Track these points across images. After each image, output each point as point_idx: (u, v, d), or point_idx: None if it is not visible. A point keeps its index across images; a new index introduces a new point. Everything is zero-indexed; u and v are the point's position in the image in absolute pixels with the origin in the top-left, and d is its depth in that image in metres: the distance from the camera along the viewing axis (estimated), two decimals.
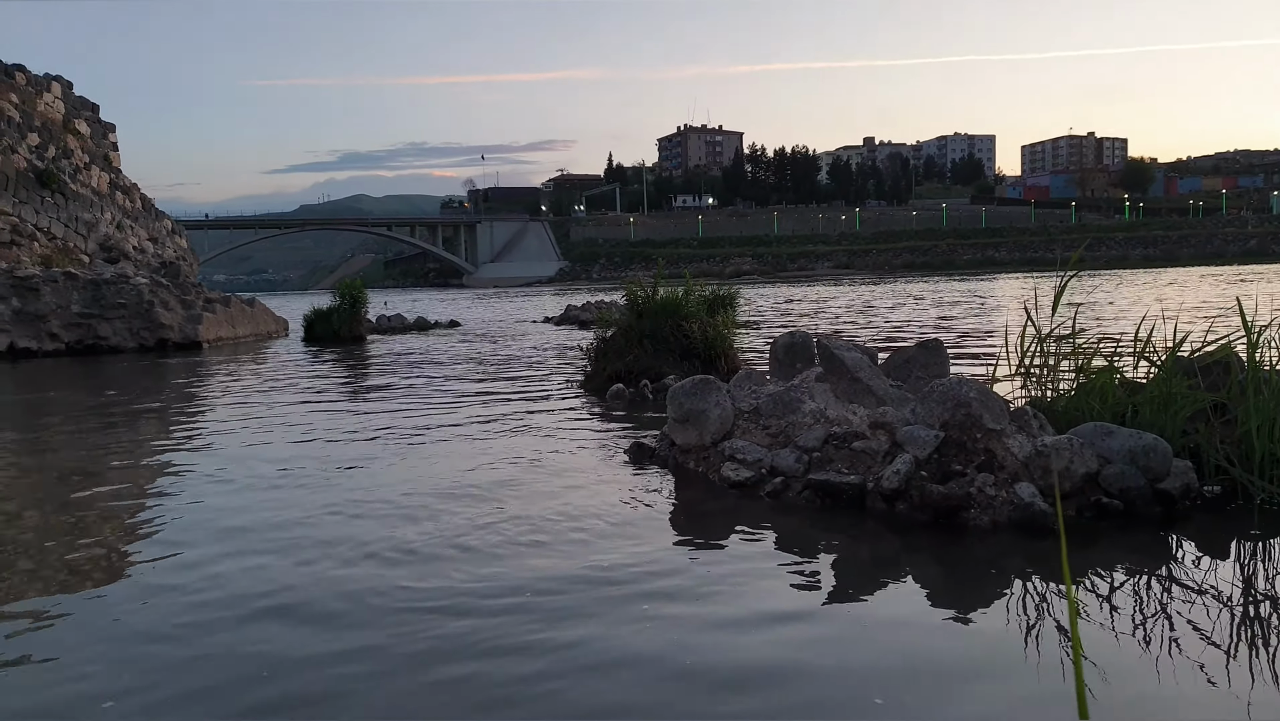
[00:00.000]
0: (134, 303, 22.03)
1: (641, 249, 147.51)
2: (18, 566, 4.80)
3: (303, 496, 6.14)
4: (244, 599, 4.15)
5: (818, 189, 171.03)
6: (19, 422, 10.70)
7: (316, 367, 16.44)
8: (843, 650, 3.46)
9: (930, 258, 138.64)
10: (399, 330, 27.79)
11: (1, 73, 25.20)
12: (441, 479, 6.51)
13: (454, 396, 11.36)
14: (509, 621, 3.78)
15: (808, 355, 7.13)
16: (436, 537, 5.00)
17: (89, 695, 3.23)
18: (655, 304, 11.59)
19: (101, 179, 27.60)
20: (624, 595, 4.06)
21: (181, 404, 11.91)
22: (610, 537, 4.95)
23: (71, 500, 6.35)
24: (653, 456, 6.97)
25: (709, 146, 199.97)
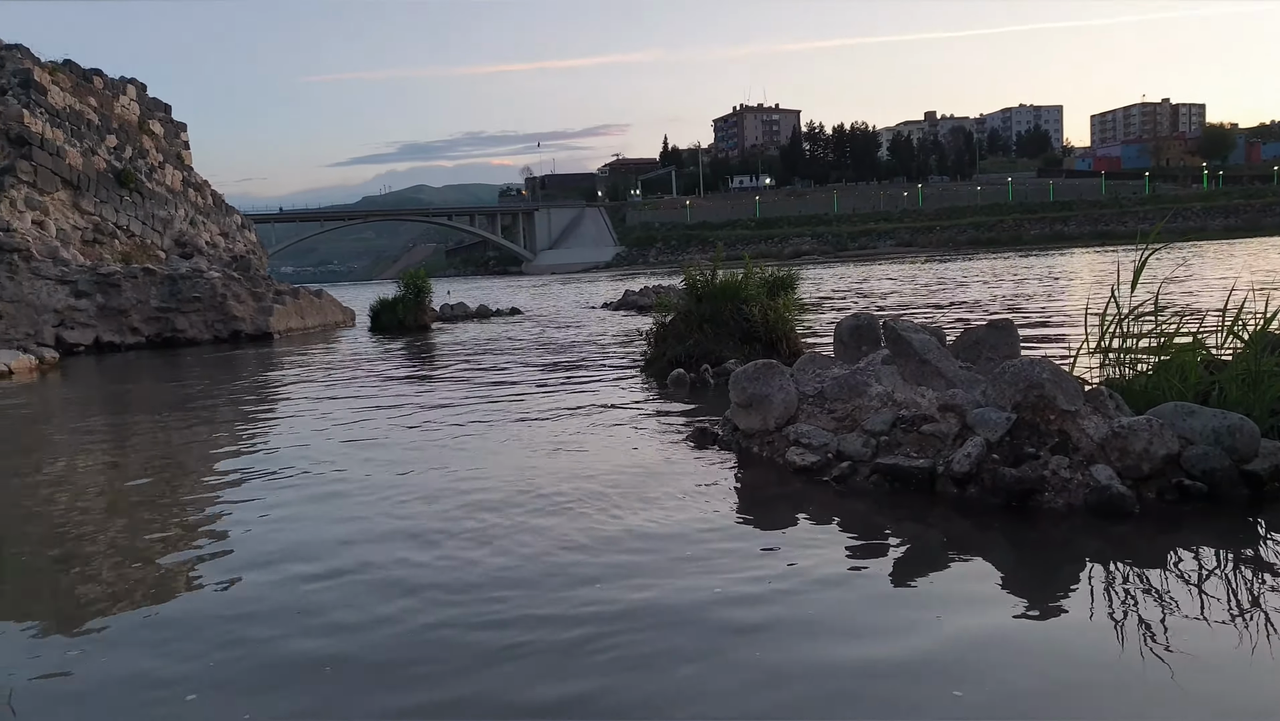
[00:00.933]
0: (208, 296, 22.68)
1: (698, 231, 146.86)
2: (99, 551, 4.99)
3: (380, 481, 6.26)
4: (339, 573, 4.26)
5: (878, 166, 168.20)
6: (107, 413, 11.10)
7: (384, 356, 16.74)
8: (917, 639, 3.41)
9: (996, 233, 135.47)
10: (462, 318, 28.14)
11: (80, 77, 26.07)
12: (507, 466, 6.59)
13: (516, 383, 11.47)
14: (583, 632, 3.81)
15: (873, 337, 7.03)
16: (501, 525, 5.07)
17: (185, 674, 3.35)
18: (714, 287, 11.52)
19: (175, 177, 28.43)
20: (692, 584, 4.07)
21: (256, 393, 12.23)
22: (675, 524, 4.96)
23: (153, 485, 6.58)
24: (715, 441, 6.95)
25: (765, 126, 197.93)
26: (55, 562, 4.90)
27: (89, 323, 21.72)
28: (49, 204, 23.15)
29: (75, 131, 24.58)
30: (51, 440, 9.29)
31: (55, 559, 4.96)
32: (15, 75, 23.83)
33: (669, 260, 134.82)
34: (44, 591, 4.49)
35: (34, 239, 21.79)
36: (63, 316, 21.45)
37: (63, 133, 24.01)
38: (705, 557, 4.38)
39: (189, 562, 4.77)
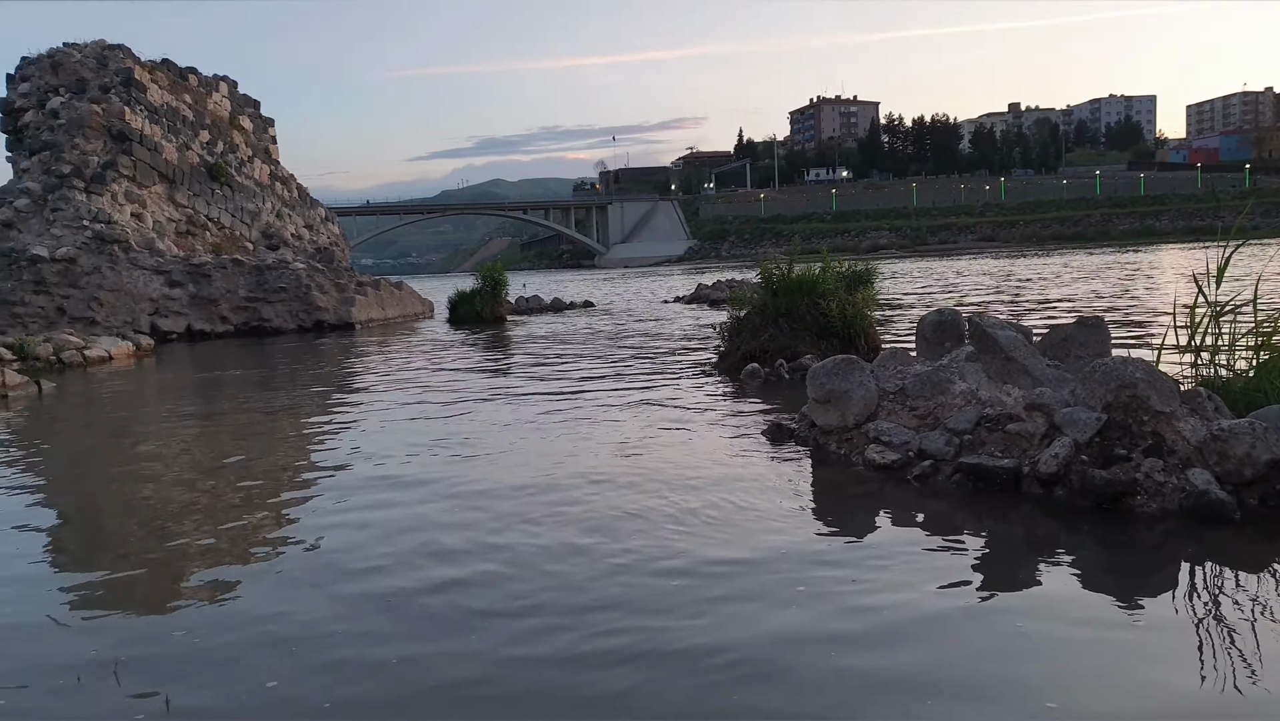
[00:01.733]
0: (293, 287, 23.36)
1: (772, 225, 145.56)
2: (196, 524, 5.19)
3: (458, 471, 6.39)
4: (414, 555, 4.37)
5: (959, 159, 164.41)
6: (198, 397, 11.53)
7: (462, 348, 17.03)
8: (1005, 646, 3.33)
9: (1082, 228, 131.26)
10: (536, 311, 28.44)
11: (177, 75, 27.09)
12: (583, 459, 6.65)
13: (590, 376, 11.56)
14: (669, 621, 3.83)
15: (957, 333, 6.89)
16: (576, 517, 5.12)
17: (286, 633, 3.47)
18: (791, 281, 11.42)
19: (263, 171, 29.34)
20: (771, 582, 4.05)
21: (338, 381, 12.57)
22: (752, 520, 4.94)
23: (239, 463, 6.82)
24: (792, 437, 6.90)
25: (843, 118, 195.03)
26: (150, 532, 5.12)
27: (181, 311, 22.57)
28: (146, 197, 24.11)
29: (171, 127, 25.53)
30: (148, 421, 9.69)
31: (150, 529, 5.18)
32: (118, 74, 24.85)
33: (742, 254, 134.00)
34: (138, 560, 4.69)
35: (132, 231, 22.73)
36: (157, 305, 22.34)
37: (160, 129, 24.96)
38: (785, 558, 4.36)
39: (270, 534, 4.93)
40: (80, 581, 4.48)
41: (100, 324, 21.24)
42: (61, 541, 5.32)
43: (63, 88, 24.54)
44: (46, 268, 21.26)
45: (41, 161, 22.96)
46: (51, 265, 21.29)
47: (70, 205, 22.19)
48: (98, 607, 4.10)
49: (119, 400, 12.22)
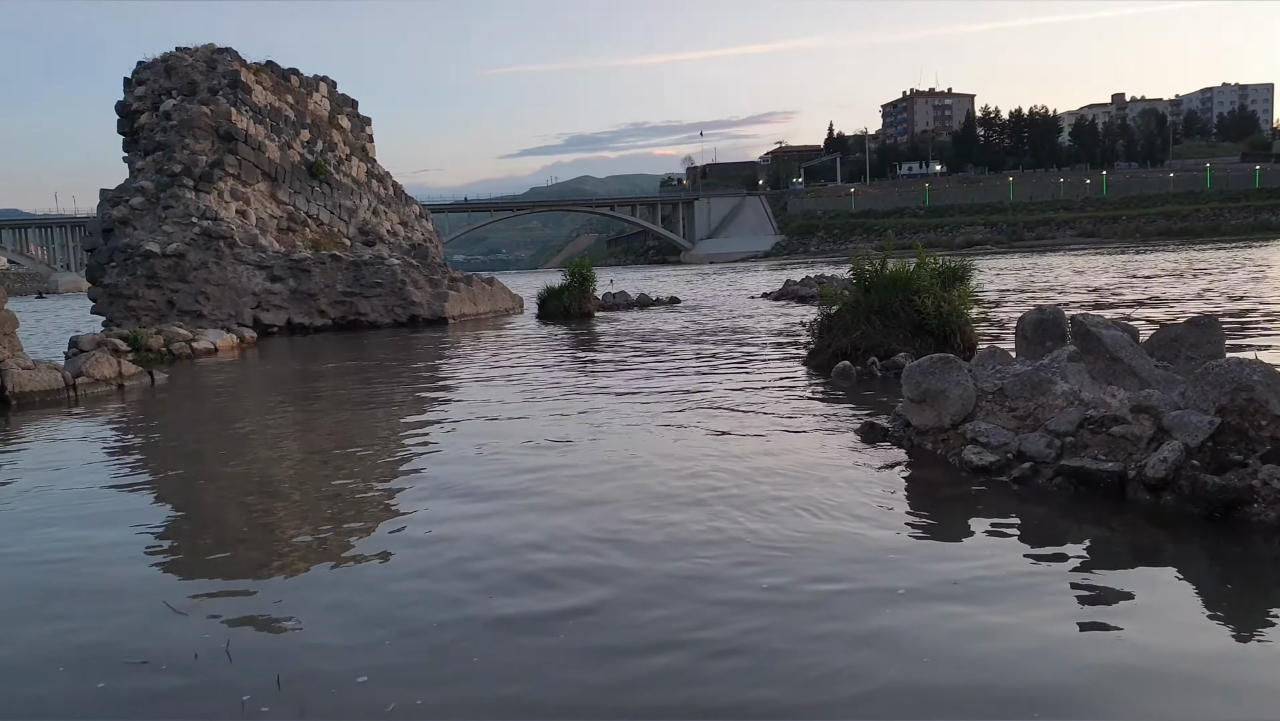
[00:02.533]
0: (389, 282, 23.99)
1: (863, 220, 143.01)
2: (297, 514, 5.39)
3: (552, 463, 6.47)
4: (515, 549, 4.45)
5: (1058, 152, 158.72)
6: (299, 390, 11.96)
7: (552, 343, 17.24)
8: (1113, 658, 3.22)
9: (1191, 223, 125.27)
10: (623, 306, 28.58)
11: (280, 76, 28.08)
12: (673, 456, 6.66)
13: (679, 373, 11.56)
14: (765, 622, 3.82)
15: (1059, 333, 6.68)
16: (668, 515, 5.14)
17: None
18: (884, 277, 11.23)
19: (360, 169, 30.18)
20: (862, 588, 4.00)
21: (433, 372, 12.87)
22: (845, 522, 4.88)
23: (338, 450, 7.04)
24: (885, 437, 6.79)
25: (937, 111, 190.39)
26: (253, 521, 5.33)
27: (282, 305, 23.40)
28: (250, 194, 25.06)
29: (274, 127, 26.47)
30: (252, 412, 10.09)
31: (253, 518, 5.40)
32: (225, 76, 25.88)
33: (831, 249, 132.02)
34: (243, 549, 4.88)
35: (237, 227, 23.65)
36: (260, 299, 23.22)
37: (263, 128, 25.91)
38: (882, 558, 4.30)
39: (362, 509, 5.08)
40: (191, 567, 4.69)
41: (207, 317, 22.19)
42: (174, 527, 5.58)
43: (175, 90, 25.67)
44: (158, 263, 22.30)
45: (155, 161, 24.07)
46: (162, 260, 22.32)
47: (180, 203, 23.21)
48: (207, 592, 4.29)
49: (224, 391, 12.74)
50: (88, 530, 5.37)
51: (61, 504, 6.01)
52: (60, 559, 4.82)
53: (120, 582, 4.42)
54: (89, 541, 5.14)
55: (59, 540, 5.16)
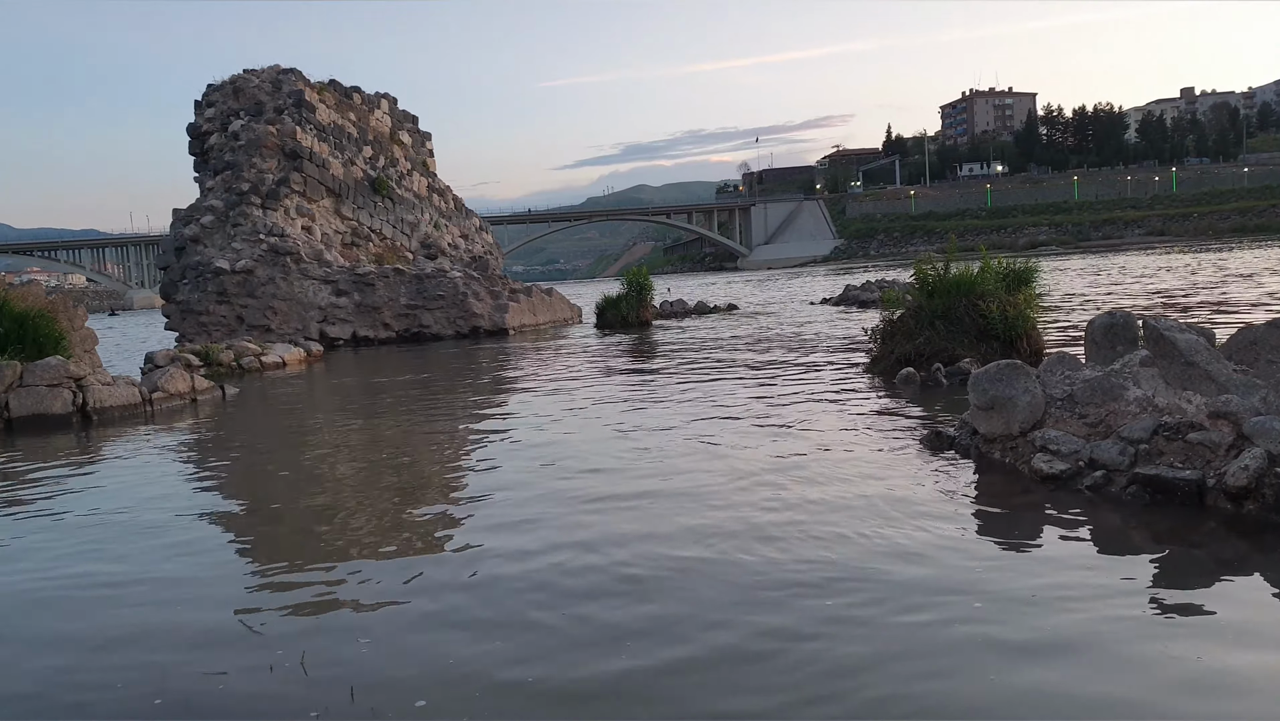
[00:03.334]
0: (450, 294, 24.35)
1: (923, 222, 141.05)
2: (364, 525, 5.49)
3: (622, 477, 6.50)
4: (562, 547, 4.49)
5: (1124, 149, 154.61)
6: (365, 402, 12.19)
7: (612, 351, 17.32)
8: (1196, 673, 3.12)
9: (1267, 219, 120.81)
10: (680, 314, 28.59)
11: (342, 94, 28.75)
12: (740, 467, 6.64)
13: (739, 380, 11.52)
14: (828, 636, 3.79)
15: (1130, 337, 6.51)
16: (734, 523, 5.12)
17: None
18: (947, 281, 11.05)
19: (421, 183, 30.71)
20: (943, 596, 3.94)
21: (495, 383, 13.02)
22: (911, 532, 4.81)
23: (402, 458, 7.17)
24: (952, 445, 6.68)
25: (997, 110, 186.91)
26: (321, 531, 5.44)
27: (347, 319, 23.90)
28: (315, 211, 25.66)
29: (338, 144, 27.09)
30: (320, 425, 10.31)
31: (321, 528, 5.51)
32: (290, 96, 26.57)
33: (891, 253, 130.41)
34: (313, 558, 4.99)
35: (303, 243, 24.23)
36: (325, 313, 23.74)
37: (327, 146, 26.52)
38: (952, 570, 4.23)
39: (432, 521, 5.16)
40: (263, 575, 4.81)
41: (275, 331, 22.76)
42: (245, 538, 5.73)
43: (242, 111, 26.42)
44: (228, 279, 22.95)
45: (224, 180, 24.79)
46: (232, 277, 22.96)
47: (248, 220, 23.87)
48: (279, 603, 4.39)
49: (293, 404, 13.05)
50: (162, 542, 5.53)
51: (134, 516, 6.21)
52: (136, 571, 4.98)
53: (196, 596, 4.55)
54: (164, 554, 5.30)
55: (133, 552, 5.33)
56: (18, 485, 7.52)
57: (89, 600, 4.52)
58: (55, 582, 4.83)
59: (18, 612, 4.42)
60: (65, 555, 5.34)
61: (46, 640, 4.02)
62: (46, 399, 11.12)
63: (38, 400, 11.10)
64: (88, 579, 4.85)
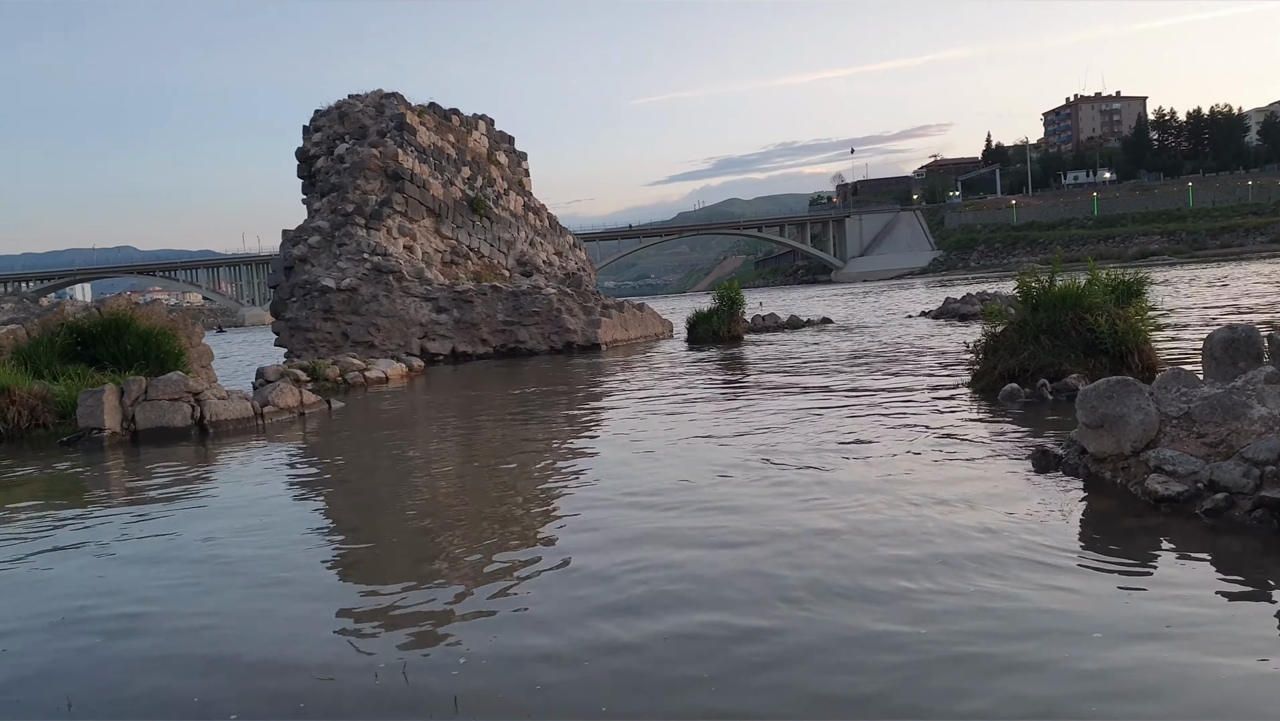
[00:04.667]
0: (545, 311, 24.74)
1: (1025, 232, 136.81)
2: (464, 538, 5.60)
3: (720, 495, 6.49)
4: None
5: (1245, 152, 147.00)
6: (465, 416, 12.46)
7: (704, 366, 17.30)
8: None
9: None
10: (773, 328, 28.38)
11: (441, 116, 29.61)
12: (840, 488, 6.54)
13: (834, 396, 11.36)
14: (914, 658, 3.71)
15: (1253, 352, 6.18)
16: (835, 549, 5.05)
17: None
18: (1052, 294, 10.70)
19: (517, 202, 31.36)
20: (1049, 627, 3.81)
21: (588, 397, 13.15)
22: (1016, 555, 4.66)
23: (500, 468, 7.29)
24: (1059, 464, 6.45)
25: (1104, 116, 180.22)
26: (422, 543, 5.58)
27: (447, 335, 24.51)
28: (416, 230, 26.43)
29: (437, 165, 27.87)
30: (421, 439, 10.58)
31: (422, 541, 5.65)
32: (392, 119, 27.48)
33: (991, 264, 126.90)
34: (413, 569, 5.11)
35: (405, 262, 24.97)
36: (426, 329, 24.39)
37: (428, 167, 27.31)
38: (1059, 595, 4.08)
39: (524, 534, 5.23)
40: (366, 587, 4.96)
41: (378, 347, 23.49)
42: (348, 550, 5.91)
43: (347, 135, 27.45)
44: (333, 297, 23.81)
45: (330, 202, 25.76)
46: (337, 294, 23.81)
47: (353, 240, 24.73)
48: (382, 613, 4.52)
49: (396, 418, 13.43)
50: (272, 551, 5.75)
51: (248, 525, 6.48)
52: (245, 578, 5.19)
53: (302, 602, 4.72)
54: (276, 561, 5.51)
55: (243, 560, 5.56)
56: (151, 490, 7.94)
57: (204, 593, 4.73)
58: (187, 579, 5.07)
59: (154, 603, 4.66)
60: (190, 561, 5.60)
61: (169, 631, 4.22)
62: (168, 412, 11.72)
63: (160, 413, 11.70)
64: (204, 580, 5.08)
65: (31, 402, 12.36)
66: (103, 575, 5.43)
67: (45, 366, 13.76)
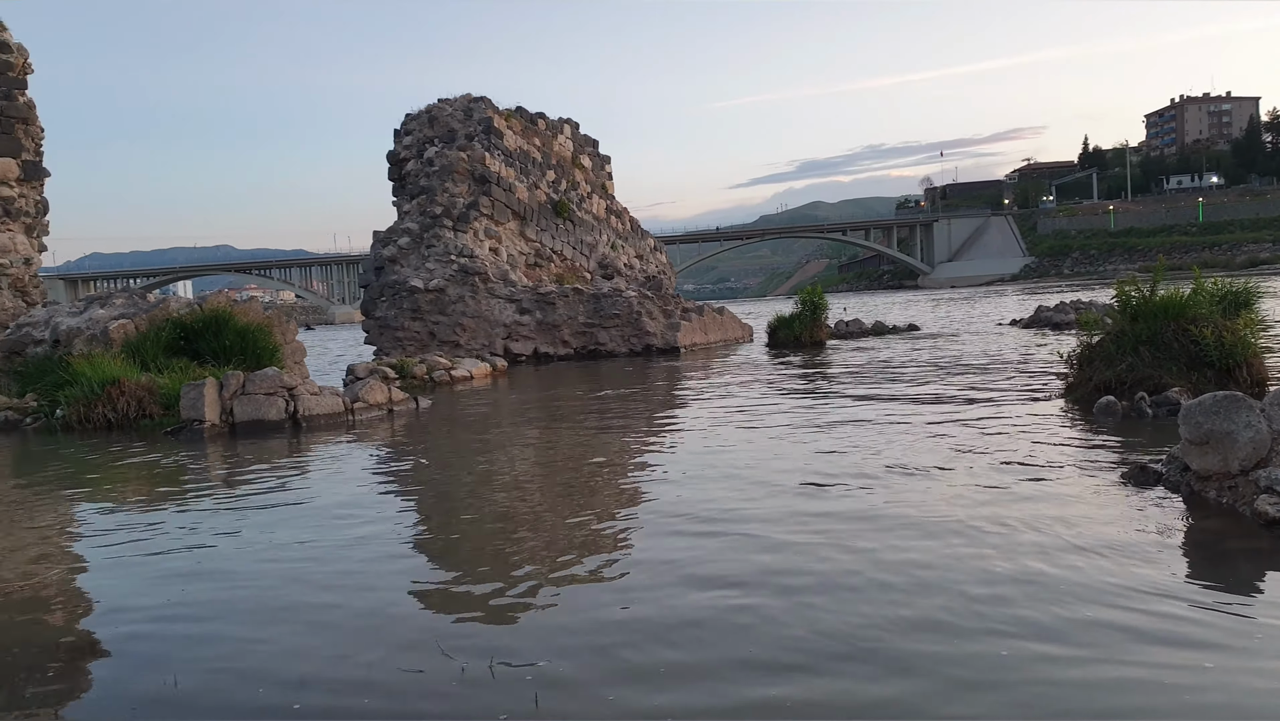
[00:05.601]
0: (625, 313, 24.84)
1: (1123, 239, 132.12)
2: (547, 534, 5.65)
3: (803, 508, 6.43)
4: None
5: None
6: (546, 415, 12.59)
7: (784, 371, 17.14)
8: None
9: None
10: (857, 334, 27.95)
11: (528, 120, 30.01)
12: (929, 503, 6.41)
13: (921, 405, 11.13)
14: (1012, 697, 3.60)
15: None
16: (916, 565, 4.94)
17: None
18: (1154, 304, 10.29)
19: (599, 205, 31.59)
20: (1150, 658, 3.65)
21: (667, 399, 13.15)
22: (1113, 577, 4.48)
23: (580, 468, 7.34)
24: (1160, 481, 6.19)
25: (1212, 118, 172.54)
26: (505, 538, 5.64)
27: (530, 336, 24.81)
28: (502, 233, 26.83)
29: (523, 169, 28.25)
30: (505, 438, 10.73)
31: (505, 536, 5.72)
32: (480, 123, 27.95)
33: (1086, 271, 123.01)
34: (496, 564, 5.17)
35: (490, 264, 25.37)
36: (510, 330, 24.74)
37: (513, 170, 27.70)
38: (1160, 622, 3.91)
39: (606, 531, 5.24)
40: (451, 582, 5.04)
41: (463, 346, 23.92)
42: (434, 543, 6.02)
43: (436, 138, 28.01)
44: (421, 297, 24.33)
45: (419, 204, 26.32)
46: (425, 295, 24.32)
47: (440, 242, 25.23)
48: (467, 606, 4.59)
49: (481, 416, 13.65)
50: (357, 549, 5.90)
51: (335, 521, 6.65)
52: (333, 575, 5.33)
53: (388, 598, 4.82)
54: (361, 558, 5.65)
55: (334, 557, 5.71)
56: (252, 480, 8.24)
57: (300, 584, 4.88)
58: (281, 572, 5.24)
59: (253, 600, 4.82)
60: (285, 559, 5.78)
61: (261, 620, 4.37)
62: (263, 406, 12.13)
63: (256, 407, 12.12)
64: (301, 570, 5.24)
65: (139, 394, 12.96)
66: (200, 561, 5.65)
67: (151, 359, 14.41)
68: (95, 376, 13.27)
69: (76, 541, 6.53)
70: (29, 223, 20.98)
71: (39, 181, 21.22)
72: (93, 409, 12.86)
